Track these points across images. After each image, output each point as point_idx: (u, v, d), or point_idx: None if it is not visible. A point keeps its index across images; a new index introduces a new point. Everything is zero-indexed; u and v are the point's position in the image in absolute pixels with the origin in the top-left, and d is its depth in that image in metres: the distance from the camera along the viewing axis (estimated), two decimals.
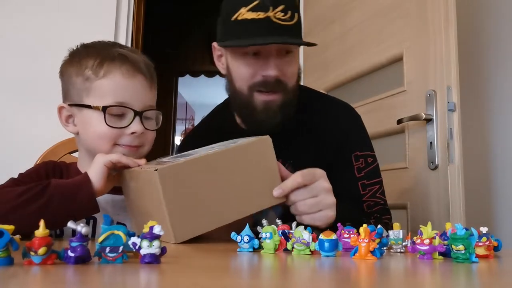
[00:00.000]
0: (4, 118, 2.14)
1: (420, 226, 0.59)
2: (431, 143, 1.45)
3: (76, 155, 1.26)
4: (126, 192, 0.88)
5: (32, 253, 0.43)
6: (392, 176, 1.26)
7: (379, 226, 0.67)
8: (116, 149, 0.89)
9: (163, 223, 0.72)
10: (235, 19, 0.97)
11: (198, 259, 0.56)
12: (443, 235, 0.64)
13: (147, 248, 0.45)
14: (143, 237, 0.45)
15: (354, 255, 0.56)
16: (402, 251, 0.66)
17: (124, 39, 2.27)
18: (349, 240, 0.61)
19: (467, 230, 0.54)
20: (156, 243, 0.45)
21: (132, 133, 0.89)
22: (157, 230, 0.46)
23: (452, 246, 0.54)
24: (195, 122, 6.62)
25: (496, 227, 1.73)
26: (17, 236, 0.45)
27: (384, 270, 0.49)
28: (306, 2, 2.29)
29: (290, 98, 1.03)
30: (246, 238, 0.63)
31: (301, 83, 1.13)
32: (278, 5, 0.95)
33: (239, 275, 0.45)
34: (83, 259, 0.44)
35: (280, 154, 0.92)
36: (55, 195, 0.78)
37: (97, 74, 0.89)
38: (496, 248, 0.62)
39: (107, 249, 0.45)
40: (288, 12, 0.96)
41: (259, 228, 0.65)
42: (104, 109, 0.87)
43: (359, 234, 0.56)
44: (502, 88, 1.79)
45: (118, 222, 0.92)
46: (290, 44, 0.99)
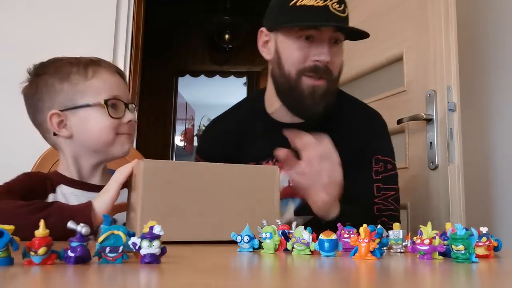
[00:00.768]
0: (4, 118, 2.14)
1: (420, 226, 0.59)
2: (431, 143, 1.45)
3: None
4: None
5: (32, 253, 0.43)
6: None
7: (379, 226, 0.67)
8: (118, 138, 0.97)
9: (136, 217, 0.72)
10: (294, 5, 1.01)
11: (198, 259, 0.56)
12: (443, 235, 0.64)
13: (147, 248, 0.45)
14: (143, 237, 0.45)
15: (354, 255, 0.56)
16: (402, 251, 0.66)
17: (124, 39, 2.27)
18: (349, 240, 0.61)
19: (467, 230, 0.54)
20: (156, 243, 0.45)
21: (129, 121, 0.98)
22: (157, 230, 0.46)
23: (452, 246, 0.54)
24: (195, 122, 6.61)
25: (496, 227, 1.73)
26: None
27: (384, 270, 0.49)
28: None
29: (333, 88, 1.07)
30: (246, 238, 0.63)
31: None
32: None
33: (239, 275, 0.45)
34: (83, 259, 0.44)
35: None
36: (55, 212, 0.80)
37: (85, 76, 0.97)
38: (496, 248, 0.62)
39: (107, 249, 0.45)
40: (342, 5, 1.03)
41: (259, 228, 0.65)
42: (106, 102, 0.95)
43: (359, 234, 0.56)
44: (502, 88, 1.79)
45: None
46: (352, 30, 1.03)
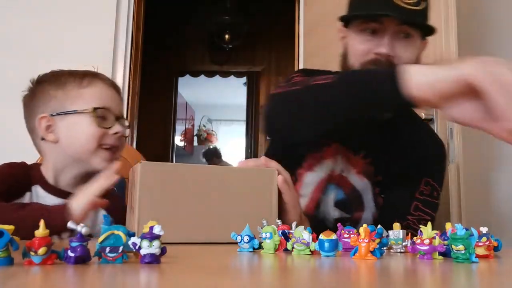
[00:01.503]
0: (5, 118, 2.14)
1: (420, 226, 0.59)
2: None
3: None
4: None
5: (32, 253, 0.43)
6: None
7: (379, 226, 0.67)
8: (99, 152, 0.98)
9: (134, 219, 0.72)
10: None
11: (198, 259, 0.56)
12: (443, 235, 0.64)
13: (147, 248, 0.45)
14: (143, 237, 0.46)
15: (354, 255, 0.56)
16: (402, 251, 0.66)
17: (124, 39, 2.27)
18: (349, 240, 0.61)
19: (467, 230, 0.54)
20: (156, 243, 0.45)
21: (115, 133, 0.99)
22: (157, 230, 0.46)
23: (452, 246, 0.54)
24: (195, 122, 6.62)
25: (496, 227, 1.73)
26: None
27: (384, 270, 0.49)
28: (306, 2, 2.29)
29: None
30: (246, 238, 0.63)
31: None
32: None
33: (239, 275, 0.45)
34: (83, 259, 0.44)
35: (363, 146, 1.00)
36: (33, 210, 0.83)
37: (80, 84, 1.00)
38: (496, 248, 0.62)
39: (107, 249, 0.45)
40: None
41: (259, 228, 0.65)
42: (95, 109, 0.97)
43: (359, 234, 0.56)
44: None
45: None
46: (400, 19, 0.97)
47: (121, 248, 0.46)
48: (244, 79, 5.47)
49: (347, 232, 0.65)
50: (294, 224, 0.66)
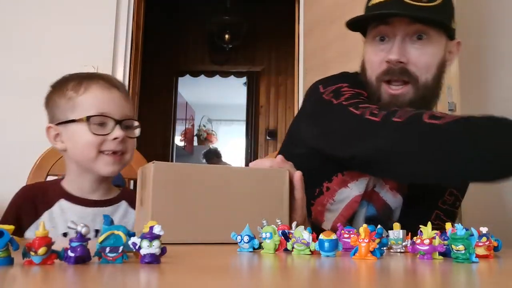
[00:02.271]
0: (5, 117, 2.14)
1: (420, 226, 0.59)
2: None
3: None
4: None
5: (32, 253, 0.43)
6: None
7: (379, 226, 0.67)
8: (100, 158, 0.97)
9: (146, 219, 0.72)
10: (372, 4, 0.94)
11: (198, 259, 0.56)
12: (443, 235, 0.64)
13: (147, 248, 0.45)
14: (143, 237, 0.46)
15: (354, 255, 0.56)
16: (402, 251, 0.66)
17: (124, 39, 2.27)
18: (349, 240, 0.61)
19: (467, 230, 0.54)
20: (156, 243, 0.45)
21: (114, 138, 0.97)
22: (157, 230, 0.46)
23: (452, 246, 0.54)
24: (195, 122, 6.62)
25: (496, 227, 1.73)
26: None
27: (384, 270, 0.49)
28: (306, 2, 2.29)
29: (423, 95, 0.91)
30: (246, 238, 0.63)
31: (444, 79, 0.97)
32: None
33: (239, 275, 0.45)
34: (83, 259, 0.44)
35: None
36: None
37: (77, 91, 0.99)
38: (496, 248, 0.62)
39: (107, 249, 0.45)
40: None
41: (259, 228, 0.65)
42: (88, 118, 0.96)
43: (359, 234, 0.56)
44: (502, 88, 1.79)
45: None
46: (403, 16, 0.88)
47: (121, 248, 0.46)
48: (244, 79, 5.47)
49: (347, 232, 0.65)
50: (294, 224, 0.66)
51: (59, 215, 0.99)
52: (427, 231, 0.57)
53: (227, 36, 4.82)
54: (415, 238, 0.59)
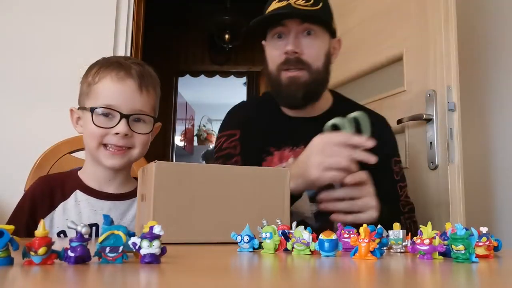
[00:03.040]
0: (5, 117, 2.14)
1: (420, 226, 0.59)
2: (431, 143, 1.45)
3: (75, 155, 1.26)
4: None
5: (32, 253, 0.43)
6: None
7: (379, 226, 0.67)
8: (102, 150, 0.96)
9: (148, 218, 0.72)
10: (268, 12, 1.13)
11: (198, 259, 0.56)
12: (443, 235, 0.64)
13: (147, 248, 0.45)
14: (143, 237, 0.45)
15: (354, 255, 0.56)
16: (402, 251, 0.66)
17: (124, 39, 2.27)
18: (349, 240, 0.61)
19: (467, 230, 0.54)
20: (156, 243, 0.45)
21: (116, 133, 0.94)
22: (157, 230, 0.46)
23: (452, 246, 0.54)
24: (195, 122, 6.61)
25: (496, 227, 1.73)
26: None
27: (384, 270, 0.49)
28: None
29: (316, 78, 1.12)
30: (246, 238, 0.63)
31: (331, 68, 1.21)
32: None
33: (239, 275, 0.45)
34: (83, 259, 0.44)
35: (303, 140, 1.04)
36: None
37: (94, 79, 0.98)
38: (496, 248, 0.62)
39: (107, 249, 0.45)
40: (311, 0, 1.09)
41: (259, 228, 0.65)
42: (92, 109, 0.95)
43: (359, 234, 0.56)
44: (502, 88, 1.79)
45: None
46: (289, 16, 1.08)
47: (121, 248, 0.46)
48: (244, 79, 5.47)
49: (347, 232, 0.65)
50: (294, 224, 0.66)
51: (73, 206, 0.99)
52: (427, 231, 0.57)
53: (227, 36, 4.82)
54: (415, 238, 0.59)
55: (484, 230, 0.59)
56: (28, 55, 2.20)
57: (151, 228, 0.46)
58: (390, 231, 0.68)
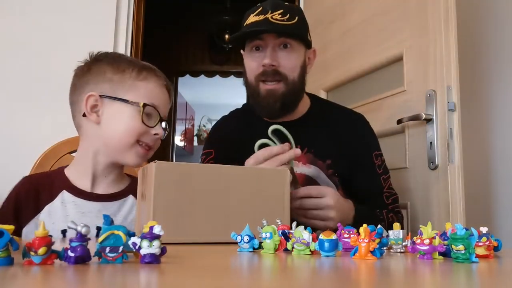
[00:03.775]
0: (5, 117, 2.14)
1: (420, 226, 0.59)
2: (431, 143, 1.45)
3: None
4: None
5: (32, 253, 0.43)
6: (392, 176, 1.27)
7: (379, 226, 0.67)
8: (135, 147, 0.97)
9: (148, 218, 0.72)
10: (246, 24, 1.16)
11: (198, 259, 0.56)
12: (443, 235, 0.64)
13: (147, 248, 0.45)
14: (143, 237, 0.45)
15: (354, 255, 0.56)
16: (402, 251, 0.66)
17: (124, 39, 2.27)
18: (349, 240, 0.61)
19: (467, 230, 0.54)
20: (156, 243, 0.45)
21: (155, 134, 0.98)
22: (157, 230, 0.46)
23: (452, 246, 0.54)
24: (195, 122, 6.62)
25: (496, 227, 1.73)
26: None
27: (384, 270, 0.49)
28: (306, 2, 2.29)
29: (292, 89, 1.16)
30: (246, 238, 0.63)
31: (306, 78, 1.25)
32: (277, 9, 1.12)
33: (239, 275, 0.45)
34: (83, 259, 0.44)
35: (301, 140, 1.12)
36: None
37: (137, 76, 0.98)
38: (496, 248, 0.62)
39: (107, 249, 0.45)
40: (287, 14, 1.12)
41: (259, 228, 0.65)
42: (144, 105, 0.95)
43: (359, 234, 0.56)
44: (502, 88, 1.79)
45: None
46: (267, 32, 1.12)
47: (121, 248, 0.46)
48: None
49: (347, 232, 0.65)
50: (294, 224, 0.66)
51: (59, 209, 0.95)
52: (427, 231, 0.57)
53: (227, 36, 4.82)
54: (415, 238, 0.59)
55: (484, 230, 0.59)
56: (28, 55, 2.20)
57: (151, 228, 0.46)
58: (390, 231, 0.68)
